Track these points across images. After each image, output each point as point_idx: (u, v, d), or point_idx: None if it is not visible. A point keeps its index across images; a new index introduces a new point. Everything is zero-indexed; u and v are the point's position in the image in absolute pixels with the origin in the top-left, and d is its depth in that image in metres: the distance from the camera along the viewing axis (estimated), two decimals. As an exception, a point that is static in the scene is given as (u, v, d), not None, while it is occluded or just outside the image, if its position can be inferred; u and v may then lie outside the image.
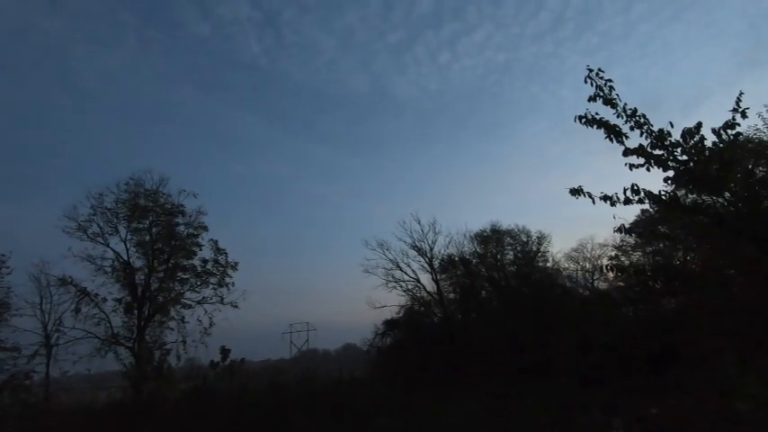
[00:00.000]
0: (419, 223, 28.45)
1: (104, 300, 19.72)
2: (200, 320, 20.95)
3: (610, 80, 6.37)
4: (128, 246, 20.67)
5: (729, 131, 6.21)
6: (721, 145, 6.12)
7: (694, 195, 6.32)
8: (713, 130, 6.29)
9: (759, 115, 11.20)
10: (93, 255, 19.99)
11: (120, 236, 20.62)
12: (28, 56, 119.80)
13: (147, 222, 20.94)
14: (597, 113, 6.42)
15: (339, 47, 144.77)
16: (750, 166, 7.27)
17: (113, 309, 19.76)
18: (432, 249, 27.99)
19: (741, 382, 3.86)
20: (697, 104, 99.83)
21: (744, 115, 6.16)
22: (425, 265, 27.68)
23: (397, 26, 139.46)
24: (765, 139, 10.58)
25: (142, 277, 20.45)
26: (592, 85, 6.35)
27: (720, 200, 5.96)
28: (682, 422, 4.28)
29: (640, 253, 27.21)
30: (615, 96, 6.26)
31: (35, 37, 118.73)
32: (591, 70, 6.35)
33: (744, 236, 5.97)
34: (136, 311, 19.74)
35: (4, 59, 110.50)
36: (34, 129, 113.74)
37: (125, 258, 20.47)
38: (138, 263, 20.76)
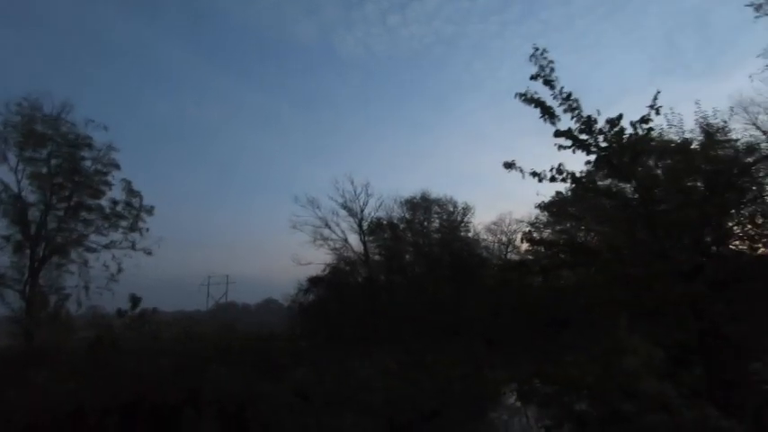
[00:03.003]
0: (352, 184, 28.51)
1: (-12, 236, 17.31)
2: (106, 266, 19.36)
3: (552, 62, 6.69)
4: (19, 176, 18.13)
5: (644, 125, 6.91)
6: (634, 138, 6.81)
7: (608, 180, 7.03)
8: (630, 123, 6.95)
9: (665, 116, 12.48)
10: (-26, 183, 17.29)
11: (8, 164, 17.96)
12: None
13: (45, 153, 18.40)
14: (536, 93, 6.76)
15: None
16: (653, 161, 8.19)
17: (0, 246, 17.44)
18: (362, 211, 28.32)
19: (629, 342, 4.56)
20: (616, 101, 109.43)
21: (657, 112, 6.87)
22: (354, 226, 28.03)
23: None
24: (667, 138, 11.86)
25: (37, 214, 18.18)
26: (535, 63, 6.62)
27: (628, 186, 6.70)
28: (573, 376, 4.96)
29: (550, 230, 30.02)
30: (554, 78, 6.61)
31: None
32: (536, 49, 6.60)
33: (641, 220, 6.82)
34: (28, 251, 17.60)
35: None
36: None
37: (15, 191, 17.96)
38: (32, 197, 18.37)
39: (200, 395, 10.99)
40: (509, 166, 6.33)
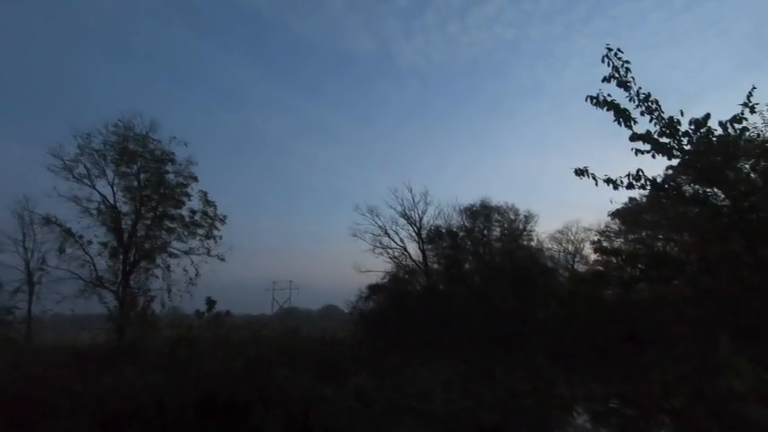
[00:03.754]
0: (410, 192, 28.66)
1: (89, 242, 19.58)
2: (185, 270, 21.05)
3: (627, 62, 6.27)
4: (115, 190, 20.35)
5: (736, 125, 6.26)
6: (726, 139, 6.17)
7: (695, 186, 6.42)
8: (720, 123, 6.32)
9: (761, 114, 11.26)
10: (78, 196, 19.66)
11: (107, 179, 20.27)
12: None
13: (136, 167, 20.51)
14: (610, 95, 6.37)
15: (345, 5, 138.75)
16: (749, 164, 7.37)
17: (99, 252, 19.67)
18: (421, 219, 28.30)
19: (733, 363, 4.08)
20: (696, 101, 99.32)
21: (753, 110, 6.19)
22: (413, 234, 28.06)
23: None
24: (763, 138, 10.67)
25: (129, 222, 20.26)
26: (608, 65, 6.24)
27: (719, 192, 6.07)
28: (657, 398, 4.54)
29: (622, 239, 27.95)
30: (630, 79, 6.19)
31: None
32: (610, 50, 6.23)
33: (735, 229, 6.14)
34: (121, 256, 19.64)
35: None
36: (20, 61, 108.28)
37: (112, 202, 20.17)
38: (124, 208, 20.54)
39: (267, 396, 11.50)
40: (581, 173, 6.00)
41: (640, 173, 5.80)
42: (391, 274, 27.07)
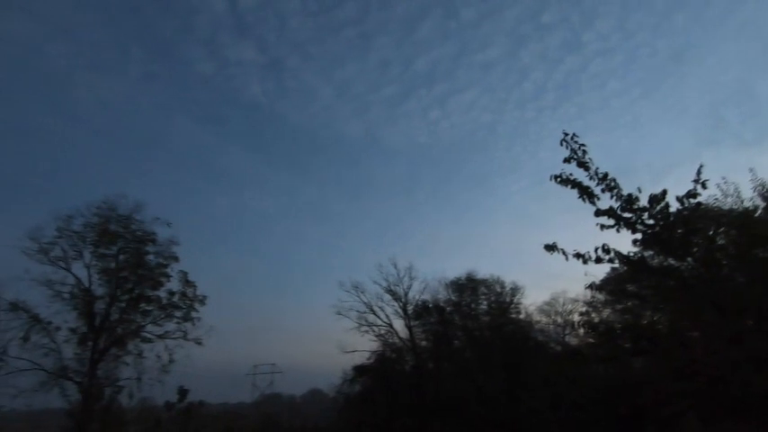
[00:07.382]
0: (395, 267, 28.50)
1: (58, 329, 18.48)
2: (159, 356, 19.82)
3: (583, 144, 6.78)
4: (91, 272, 19.75)
5: (691, 200, 6.64)
6: (685, 212, 6.51)
7: (662, 258, 6.61)
8: (677, 198, 6.71)
9: (718, 186, 11.96)
10: (52, 279, 18.94)
11: (84, 261, 19.72)
12: (30, 80, 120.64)
13: (115, 249, 20.14)
14: (572, 174, 6.79)
15: (336, 95, 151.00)
16: (711, 233, 7.69)
17: (66, 339, 18.51)
18: (407, 294, 27.88)
19: None
20: (665, 175, 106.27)
21: (704, 186, 6.62)
22: (399, 311, 27.43)
23: (393, 81, 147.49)
24: (725, 208, 11.24)
25: (102, 306, 19.39)
26: (567, 147, 6.75)
27: (685, 264, 6.26)
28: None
29: (610, 310, 27.71)
30: (588, 160, 6.65)
31: (39, 62, 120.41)
32: (566, 134, 6.78)
33: (706, 300, 6.24)
34: (90, 343, 18.50)
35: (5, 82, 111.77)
36: (26, 149, 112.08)
37: (86, 285, 19.47)
38: (99, 290, 19.75)
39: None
40: (551, 248, 6.17)
41: (606, 246, 6.00)
42: (377, 354, 25.96)
